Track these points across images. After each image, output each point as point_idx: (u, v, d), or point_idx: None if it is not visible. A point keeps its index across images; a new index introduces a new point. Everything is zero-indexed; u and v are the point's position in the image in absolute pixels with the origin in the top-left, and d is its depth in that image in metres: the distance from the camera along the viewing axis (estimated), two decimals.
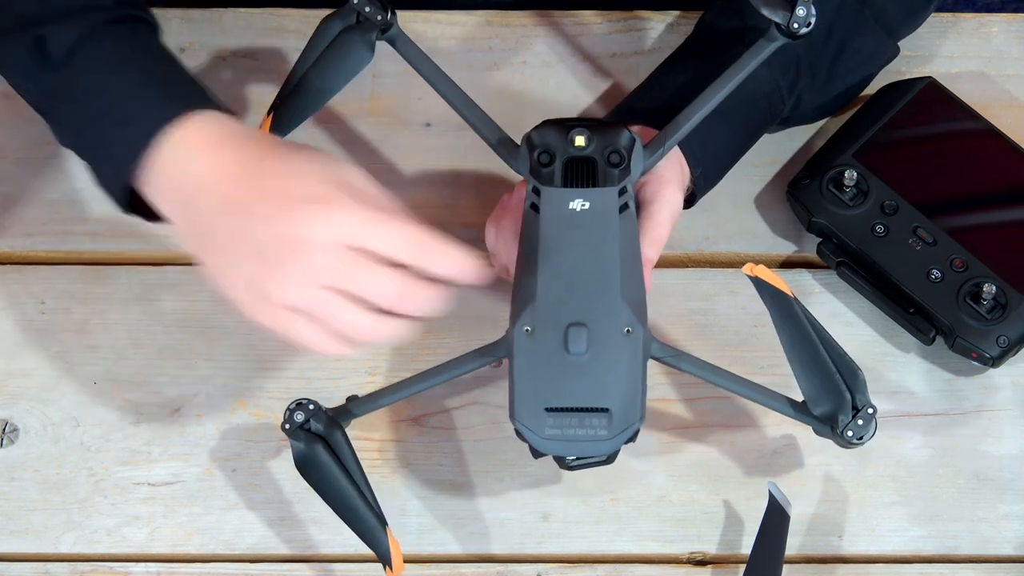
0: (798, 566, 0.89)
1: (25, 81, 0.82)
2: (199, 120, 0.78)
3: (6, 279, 0.96)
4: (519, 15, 1.05)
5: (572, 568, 0.89)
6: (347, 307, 0.74)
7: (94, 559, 0.89)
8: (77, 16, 0.80)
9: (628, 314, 0.79)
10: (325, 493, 0.82)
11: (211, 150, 0.77)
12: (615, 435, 0.78)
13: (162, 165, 0.77)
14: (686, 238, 0.97)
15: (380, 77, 1.02)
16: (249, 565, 0.89)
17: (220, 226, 0.75)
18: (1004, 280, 0.91)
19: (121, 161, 0.78)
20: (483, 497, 0.90)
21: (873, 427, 0.81)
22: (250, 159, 0.76)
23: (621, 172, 0.81)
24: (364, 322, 0.75)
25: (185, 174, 0.77)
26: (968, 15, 1.05)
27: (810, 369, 0.82)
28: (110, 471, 0.91)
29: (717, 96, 0.83)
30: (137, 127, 0.77)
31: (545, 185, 0.81)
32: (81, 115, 0.80)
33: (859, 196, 0.94)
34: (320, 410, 0.81)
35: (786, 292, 0.81)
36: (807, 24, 0.81)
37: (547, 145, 0.82)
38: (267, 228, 0.74)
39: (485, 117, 0.86)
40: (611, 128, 0.82)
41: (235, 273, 0.76)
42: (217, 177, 0.76)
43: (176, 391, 0.93)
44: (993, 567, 0.89)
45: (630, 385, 0.79)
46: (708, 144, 0.89)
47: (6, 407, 0.92)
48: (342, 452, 0.81)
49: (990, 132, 0.97)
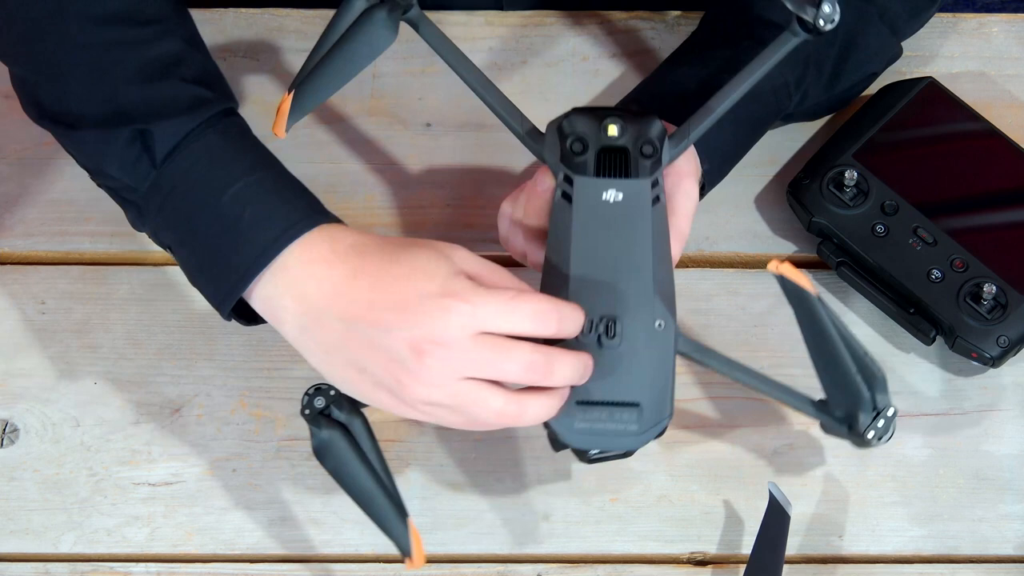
0: (798, 566, 0.89)
1: (122, 173, 0.80)
2: (316, 235, 0.77)
3: (6, 279, 0.96)
4: (519, 15, 1.05)
5: (572, 568, 0.89)
6: (490, 394, 0.74)
7: (94, 559, 0.89)
8: (185, 114, 0.79)
9: (661, 308, 0.78)
10: (344, 481, 0.80)
11: (329, 266, 0.76)
12: (645, 430, 0.78)
13: (281, 282, 0.77)
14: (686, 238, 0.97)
15: (380, 77, 1.02)
16: (249, 565, 0.89)
17: (347, 343, 0.75)
18: (1004, 280, 0.91)
19: (239, 273, 0.78)
20: (483, 497, 0.90)
21: (892, 428, 0.81)
22: (364, 271, 0.75)
23: (653, 163, 0.80)
24: (510, 409, 0.74)
25: (305, 292, 0.76)
26: (968, 15, 1.05)
27: (831, 368, 0.81)
28: (110, 471, 0.91)
29: (739, 90, 0.82)
30: (261, 238, 0.77)
31: (578, 174, 0.80)
32: (191, 218, 0.79)
33: (859, 196, 0.94)
34: (340, 395, 0.80)
35: (810, 291, 0.80)
36: (831, 21, 0.79)
37: (579, 134, 0.80)
38: (394, 336, 0.73)
39: (509, 103, 0.84)
40: (643, 118, 0.81)
41: (371, 381, 0.75)
42: (336, 295, 0.75)
43: (176, 391, 0.93)
44: (993, 567, 0.89)
45: (661, 380, 0.78)
46: (716, 139, 0.89)
47: (6, 407, 0.92)
48: (362, 439, 0.80)
49: (990, 132, 0.97)
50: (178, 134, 0.79)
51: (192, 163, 0.79)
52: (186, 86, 0.80)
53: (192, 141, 0.79)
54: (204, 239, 0.79)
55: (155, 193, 0.80)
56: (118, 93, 0.80)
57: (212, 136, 0.80)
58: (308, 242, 0.77)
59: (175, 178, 0.79)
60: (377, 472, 0.80)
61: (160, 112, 0.79)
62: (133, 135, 0.79)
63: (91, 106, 0.80)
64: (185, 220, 0.79)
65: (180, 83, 0.80)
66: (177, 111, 0.80)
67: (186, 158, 0.79)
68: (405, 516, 0.80)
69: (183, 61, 0.81)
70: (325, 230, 0.78)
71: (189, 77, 0.81)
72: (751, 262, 0.97)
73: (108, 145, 0.80)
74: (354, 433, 0.80)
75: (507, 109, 0.84)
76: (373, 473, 0.80)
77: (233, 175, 0.79)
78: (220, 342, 0.94)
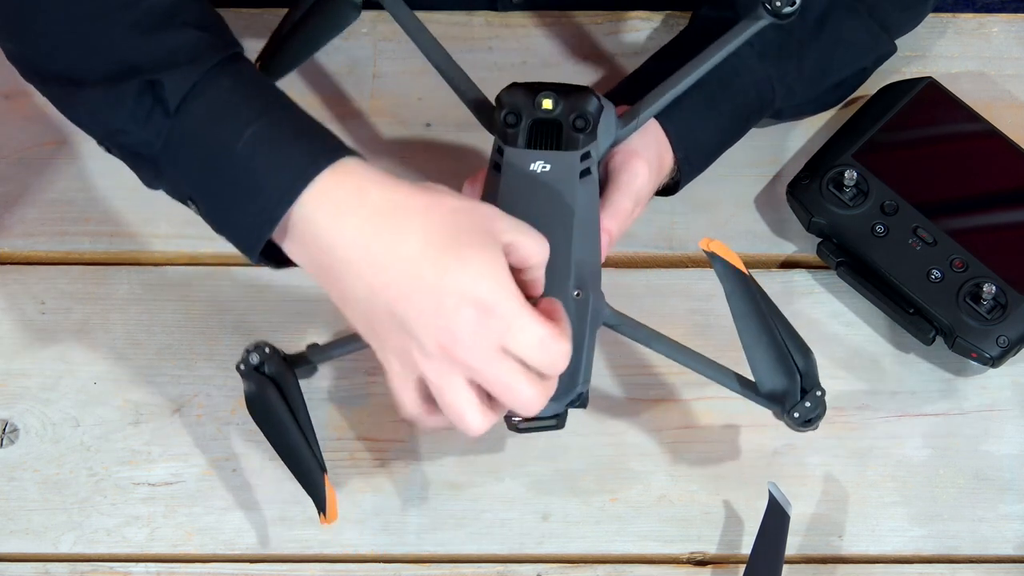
0: (798, 566, 0.89)
1: (135, 127, 0.78)
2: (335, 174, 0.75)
3: (6, 279, 0.96)
4: (519, 15, 1.05)
5: (572, 568, 0.89)
6: (466, 393, 0.73)
7: (94, 559, 0.89)
8: (192, 61, 0.77)
9: (581, 279, 0.79)
10: (270, 435, 0.84)
11: (350, 211, 0.74)
12: (558, 398, 0.78)
13: (301, 227, 0.75)
14: (686, 238, 0.97)
15: (380, 77, 1.02)
16: (249, 565, 0.89)
17: (369, 310, 0.74)
18: (1004, 280, 0.91)
19: (261, 219, 0.75)
20: (483, 497, 0.90)
21: (821, 410, 0.81)
22: (389, 228, 0.73)
23: (586, 137, 0.81)
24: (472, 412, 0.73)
25: (326, 241, 0.74)
26: (968, 15, 1.05)
27: (760, 348, 0.81)
28: (110, 471, 0.91)
29: (695, 72, 0.83)
30: (278, 182, 0.75)
31: (509, 145, 0.81)
32: (208, 166, 0.77)
33: (859, 196, 0.94)
34: (276, 354, 0.83)
35: (740, 269, 0.81)
36: (791, 3, 0.81)
37: (514, 106, 0.82)
38: (419, 325, 0.72)
39: (464, 76, 0.86)
40: (579, 93, 0.82)
41: (387, 349, 0.75)
42: (358, 252, 0.73)
43: (176, 391, 0.93)
44: (993, 567, 0.89)
45: (575, 349, 0.78)
46: (692, 129, 0.89)
47: (6, 407, 0.92)
48: (292, 396, 0.83)
49: (990, 132, 0.97)
50: (189, 80, 0.77)
51: (205, 110, 0.77)
52: (190, 32, 0.78)
53: (204, 87, 0.77)
54: (223, 187, 0.77)
55: (171, 144, 0.78)
56: (120, 47, 0.78)
57: (224, 80, 0.78)
58: (327, 183, 0.75)
59: (190, 127, 0.77)
60: (303, 429, 0.83)
61: (167, 61, 0.77)
62: (142, 87, 0.77)
63: (96, 63, 0.78)
64: (203, 169, 0.77)
65: (183, 29, 0.78)
66: (185, 59, 0.77)
67: (200, 105, 0.77)
68: (323, 472, 0.83)
69: (182, 8, 0.79)
70: (342, 170, 0.75)
71: (191, 22, 0.79)
72: (751, 262, 0.97)
73: (118, 100, 0.78)
74: (284, 390, 0.83)
75: (462, 80, 0.86)
76: (298, 429, 0.83)
77: (247, 119, 0.76)
78: (220, 342, 0.94)
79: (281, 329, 0.94)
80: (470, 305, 0.71)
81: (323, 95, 1.01)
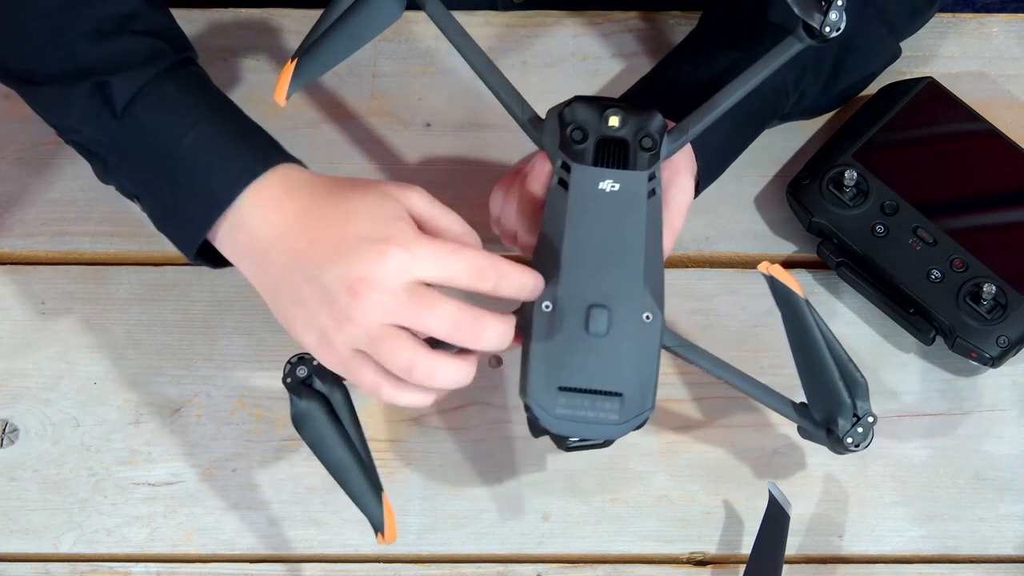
0: (798, 566, 0.89)
1: (84, 126, 0.82)
2: (270, 176, 0.79)
3: (6, 279, 0.96)
4: (519, 15, 1.05)
5: (572, 568, 0.89)
6: (405, 344, 0.73)
7: (94, 559, 0.89)
8: (142, 65, 0.81)
9: (649, 301, 0.79)
10: (321, 453, 0.80)
11: (279, 205, 0.77)
12: (625, 420, 0.78)
13: (236, 223, 0.78)
14: (686, 238, 0.97)
15: (380, 77, 1.02)
16: (249, 565, 0.89)
17: (289, 278, 0.76)
18: (1004, 280, 0.91)
19: (199, 218, 0.79)
20: (483, 497, 0.90)
21: (871, 436, 0.81)
22: (312, 210, 0.76)
23: (652, 156, 0.80)
24: (420, 362, 0.73)
25: (256, 231, 0.77)
26: (968, 15, 1.05)
27: (814, 372, 0.81)
28: (110, 471, 0.91)
29: (741, 90, 0.82)
30: (217, 184, 0.78)
31: (576, 162, 0.80)
32: (152, 166, 0.81)
33: (859, 196, 0.94)
34: (323, 367, 0.79)
35: (798, 293, 0.80)
36: (837, 29, 0.80)
37: (580, 122, 0.80)
38: (330, 273, 0.73)
39: (511, 88, 0.84)
40: (645, 111, 0.81)
41: (305, 322, 0.76)
42: (283, 232, 0.76)
43: (176, 391, 0.93)
44: (993, 567, 0.89)
45: (645, 372, 0.78)
46: (712, 137, 0.89)
47: (6, 407, 0.92)
48: (342, 411, 0.80)
49: (990, 132, 0.97)
50: (135, 85, 0.81)
51: (150, 113, 0.81)
52: (141, 39, 0.82)
53: (149, 91, 0.81)
54: (165, 187, 0.81)
55: (117, 144, 0.82)
56: (76, 50, 0.82)
57: (168, 85, 0.81)
58: (262, 184, 0.78)
59: (135, 128, 0.81)
60: (355, 445, 0.80)
61: (117, 65, 0.81)
62: (93, 88, 0.81)
63: (51, 64, 0.83)
64: (146, 169, 0.81)
65: (135, 36, 0.82)
66: (133, 63, 0.81)
67: (144, 108, 0.81)
68: (380, 491, 0.79)
69: (138, 16, 0.83)
70: (280, 172, 0.79)
71: (143, 30, 0.83)
72: (751, 262, 0.97)
73: (70, 99, 0.82)
74: (334, 404, 0.80)
75: (509, 94, 0.84)
76: (351, 446, 0.79)
77: (189, 122, 0.80)
78: (220, 342, 0.94)
79: (281, 330, 0.93)
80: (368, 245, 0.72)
81: (323, 95, 1.02)
